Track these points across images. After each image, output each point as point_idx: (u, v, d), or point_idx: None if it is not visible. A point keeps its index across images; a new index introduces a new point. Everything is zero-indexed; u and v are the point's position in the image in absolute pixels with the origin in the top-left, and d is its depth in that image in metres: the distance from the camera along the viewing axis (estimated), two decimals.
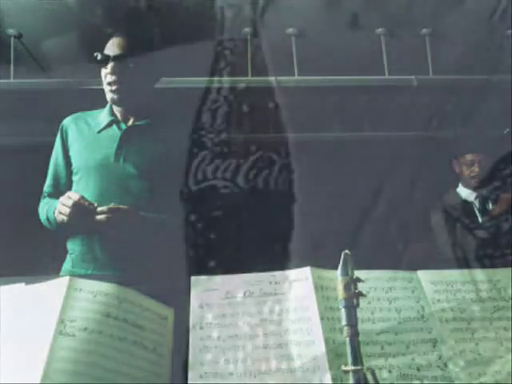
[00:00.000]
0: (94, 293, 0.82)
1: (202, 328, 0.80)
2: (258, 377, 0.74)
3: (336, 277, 0.72)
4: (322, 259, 0.88)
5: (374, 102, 2.18)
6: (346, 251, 0.72)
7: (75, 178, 1.48)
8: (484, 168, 2.01)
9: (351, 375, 0.67)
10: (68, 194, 1.37)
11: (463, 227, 1.95)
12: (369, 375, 0.67)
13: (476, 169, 2.03)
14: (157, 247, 1.29)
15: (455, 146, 2.13)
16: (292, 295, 0.83)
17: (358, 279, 0.71)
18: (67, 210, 1.35)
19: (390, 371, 0.74)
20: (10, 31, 1.99)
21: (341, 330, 0.70)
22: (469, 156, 2.05)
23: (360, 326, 0.69)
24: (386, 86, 2.14)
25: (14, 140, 2.08)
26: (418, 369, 0.75)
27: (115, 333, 0.79)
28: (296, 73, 2.08)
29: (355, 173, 2.12)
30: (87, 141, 1.49)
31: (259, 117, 1.80)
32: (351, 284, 0.70)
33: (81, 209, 1.34)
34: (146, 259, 1.27)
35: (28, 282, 0.85)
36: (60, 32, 1.92)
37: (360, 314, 0.70)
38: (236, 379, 0.74)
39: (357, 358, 0.67)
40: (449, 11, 1.89)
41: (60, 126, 1.54)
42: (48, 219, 1.45)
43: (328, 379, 0.72)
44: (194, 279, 0.87)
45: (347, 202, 2.03)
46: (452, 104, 2.08)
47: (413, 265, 0.91)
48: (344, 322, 0.69)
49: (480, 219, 1.94)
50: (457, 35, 1.93)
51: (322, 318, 0.79)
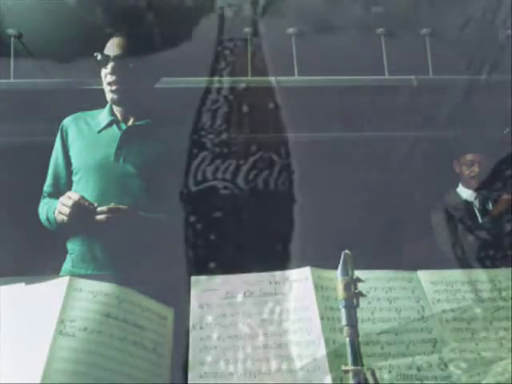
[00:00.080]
0: (94, 293, 0.82)
1: (202, 328, 0.80)
2: (258, 377, 0.74)
3: (336, 277, 0.72)
4: (322, 259, 0.87)
5: (374, 102, 2.18)
6: (346, 251, 0.72)
7: (75, 178, 1.48)
8: (484, 168, 2.01)
9: (351, 375, 0.66)
10: (68, 194, 1.37)
11: (463, 227, 1.95)
12: (369, 375, 0.67)
13: (476, 169, 2.03)
14: (157, 247, 1.29)
15: (455, 146, 2.13)
16: (292, 295, 0.83)
17: (358, 279, 0.71)
18: (67, 210, 1.35)
19: (390, 371, 0.74)
20: (10, 31, 1.99)
21: (341, 330, 0.70)
22: (469, 156, 2.05)
23: (360, 326, 0.69)
24: (386, 86, 2.14)
25: (14, 140, 2.08)
26: (418, 369, 0.75)
27: (115, 333, 0.79)
28: (296, 73, 2.08)
29: (355, 173, 2.12)
30: (87, 141, 1.49)
31: (259, 117, 1.80)
32: (351, 284, 0.70)
33: (81, 209, 1.34)
34: (146, 259, 1.27)
35: (28, 282, 0.85)
36: (60, 32, 1.92)
37: (360, 314, 0.70)
38: (236, 379, 0.74)
39: (357, 358, 0.67)
40: (449, 11, 1.89)
41: (60, 126, 1.54)
42: (48, 219, 1.45)
43: (328, 379, 0.72)
44: (194, 279, 0.86)
45: (347, 202, 2.03)
46: (452, 104, 2.08)
47: (413, 265, 0.91)
48: (344, 322, 0.69)
49: (480, 219, 1.94)
50: (457, 35, 1.93)
51: (322, 318, 0.79)
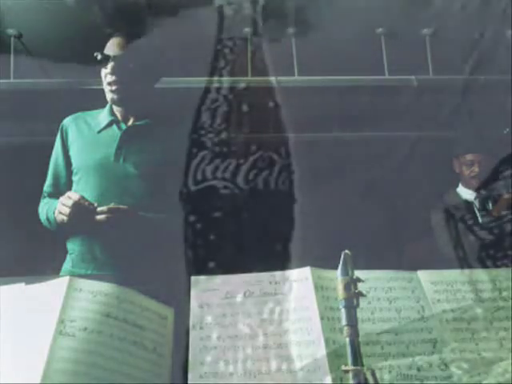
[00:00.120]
0: (94, 293, 0.82)
1: (202, 328, 0.80)
2: (258, 377, 0.74)
3: (336, 277, 0.72)
4: (322, 259, 0.87)
5: (374, 102, 2.18)
6: (346, 251, 0.72)
7: (75, 178, 1.48)
8: (484, 168, 2.01)
9: (351, 375, 0.66)
10: (68, 194, 1.37)
11: (463, 227, 1.94)
12: (369, 375, 0.67)
13: (476, 169, 2.03)
14: (157, 247, 1.29)
15: (455, 146, 2.13)
16: (292, 295, 0.83)
17: (358, 279, 0.71)
18: (67, 210, 1.35)
19: (390, 371, 0.74)
20: (10, 31, 1.99)
21: (341, 330, 0.70)
22: (469, 156, 2.05)
23: (360, 326, 0.69)
24: (386, 86, 2.14)
25: (14, 140, 2.08)
26: (419, 369, 0.75)
27: (115, 333, 0.78)
28: (296, 73, 2.08)
29: (355, 173, 2.12)
30: (87, 141, 1.49)
31: (259, 117, 1.80)
32: (351, 284, 0.70)
33: (81, 209, 1.34)
34: (146, 259, 1.27)
35: (28, 282, 0.85)
36: (60, 32, 1.92)
37: (360, 314, 0.70)
38: (236, 379, 0.74)
39: (357, 358, 0.67)
40: (449, 11, 1.89)
41: (60, 126, 1.54)
42: (48, 219, 1.45)
43: (328, 380, 0.72)
44: (194, 279, 0.86)
45: (347, 202, 2.03)
46: (452, 104, 2.08)
47: (413, 265, 0.91)
48: (344, 322, 0.69)
49: (480, 219, 1.94)
50: (457, 35, 1.93)
51: (322, 318, 0.79)
